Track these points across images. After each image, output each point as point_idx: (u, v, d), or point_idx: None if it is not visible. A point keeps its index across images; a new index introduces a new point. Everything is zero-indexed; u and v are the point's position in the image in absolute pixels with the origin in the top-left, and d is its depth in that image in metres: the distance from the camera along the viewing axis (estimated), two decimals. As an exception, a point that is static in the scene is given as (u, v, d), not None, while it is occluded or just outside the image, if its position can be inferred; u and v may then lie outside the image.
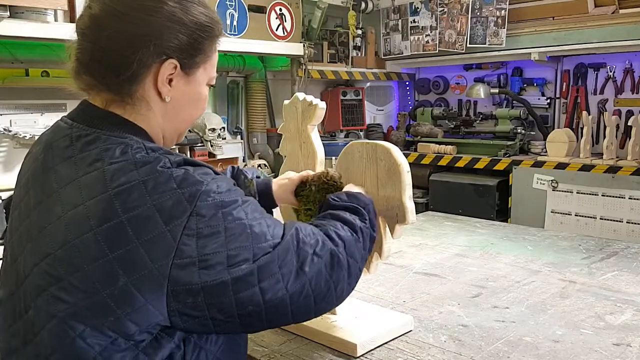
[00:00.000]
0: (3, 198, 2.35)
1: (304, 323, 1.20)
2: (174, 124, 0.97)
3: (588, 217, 3.39)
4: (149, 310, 0.78)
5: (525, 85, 4.19)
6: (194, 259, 0.78)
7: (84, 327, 0.78)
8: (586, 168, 3.39)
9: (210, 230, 0.80)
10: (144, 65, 0.88)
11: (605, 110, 3.78)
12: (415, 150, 4.23)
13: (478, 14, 3.85)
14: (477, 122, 4.17)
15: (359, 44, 4.31)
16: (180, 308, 0.79)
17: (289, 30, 3.42)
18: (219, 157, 3.41)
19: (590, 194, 3.37)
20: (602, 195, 3.32)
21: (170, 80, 0.91)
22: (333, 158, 1.41)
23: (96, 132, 0.87)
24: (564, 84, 3.99)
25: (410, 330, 1.30)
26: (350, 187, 1.16)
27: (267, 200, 1.23)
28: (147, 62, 0.88)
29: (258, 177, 1.28)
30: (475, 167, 3.86)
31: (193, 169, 0.84)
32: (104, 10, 0.88)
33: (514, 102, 4.15)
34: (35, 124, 2.62)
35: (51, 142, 0.91)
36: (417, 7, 4.20)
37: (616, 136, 3.59)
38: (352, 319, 1.30)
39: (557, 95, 4.06)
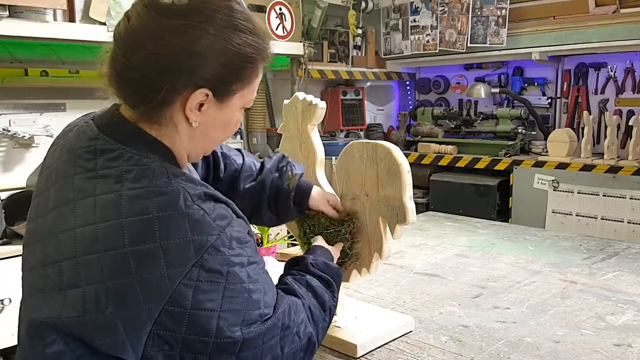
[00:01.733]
0: (3, 198, 2.34)
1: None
2: (201, 145, 0.94)
3: (589, 217, 3.39)
4: (126, 347, 0.77)
5: (526, 84, 4.19)
6: (186, 311, 0.77)
7: (56, 337, 0.79)
8: (587, 168, 3.38)
9: (209, 286, 0.79)
10: (173, 92, 0.84)
11: (606, 110, 3.78)
12: (416, 150, 4.22)
13: (479, 13, 3.85)
14: (478, 121, 4.17)
15: (359, 44, 4.31)
16: (155, 353, 0.78)
17: (288, 29, 3.41)
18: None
19: (591, 194, 3.36)
20: (603, 196, 3.32)
21: (201, 105, 0.87)
22: (333, 158, 1.40)
23: (121, 149, 0.85)
24: (565, 83, 3.99)
25: (411, 331, 1.30)
26: (318, 241, 1.18)
27: (300, 200, 1.23)
28: (177, 89, 0.84)
29: (302, 174, 1.26)
30: (475, 167, 3.86)
31: (213, 206, 0.82)
32: (143, 26, 0.83)
33: (514, 101, 4.15)
34: (35, 123, 2.61)
35: (74, 148, 0.88)
36: (418, 7, 4.19)
37: (617, 136, 3.59)
38: (352, 320, 1.29)
39: (558, 95, 4.06)
